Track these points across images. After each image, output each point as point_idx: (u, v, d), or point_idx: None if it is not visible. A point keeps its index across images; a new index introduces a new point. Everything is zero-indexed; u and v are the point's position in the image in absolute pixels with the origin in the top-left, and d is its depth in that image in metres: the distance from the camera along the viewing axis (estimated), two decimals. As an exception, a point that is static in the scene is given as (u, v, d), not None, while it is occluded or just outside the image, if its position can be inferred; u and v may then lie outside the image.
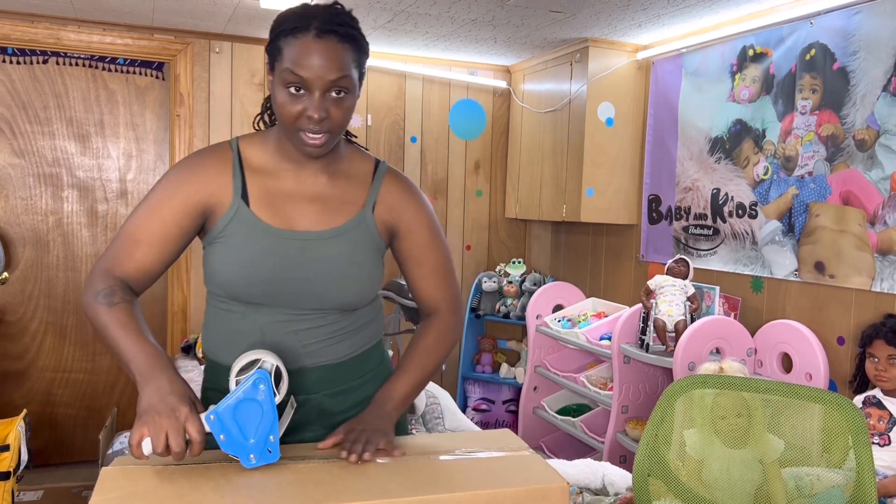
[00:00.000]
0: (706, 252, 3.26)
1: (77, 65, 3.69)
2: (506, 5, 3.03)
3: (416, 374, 1.39)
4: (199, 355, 3.50)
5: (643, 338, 3.06)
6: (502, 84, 4.32)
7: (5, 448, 2.38)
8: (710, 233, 3.24)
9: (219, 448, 1.14)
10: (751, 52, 3.01)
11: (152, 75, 3.81)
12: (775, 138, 2.91)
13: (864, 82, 2.55)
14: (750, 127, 3.02)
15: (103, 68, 3.73)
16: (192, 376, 3.15)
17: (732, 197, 3.12)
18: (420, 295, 1.47)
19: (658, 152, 3.55)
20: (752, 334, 2.86)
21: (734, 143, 3.10)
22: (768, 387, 1.46)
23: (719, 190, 3.19)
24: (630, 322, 3.15)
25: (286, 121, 1.26)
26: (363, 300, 1.39)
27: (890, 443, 2.21)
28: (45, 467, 3.60)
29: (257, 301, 1.32)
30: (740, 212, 3.08)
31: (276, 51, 1.26)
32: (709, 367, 2.29)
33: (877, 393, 2.31)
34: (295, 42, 1.23)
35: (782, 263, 2.88)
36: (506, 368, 4.22)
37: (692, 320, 2.92)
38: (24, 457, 2.46)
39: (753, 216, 3.02)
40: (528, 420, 3.84)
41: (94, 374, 3.81)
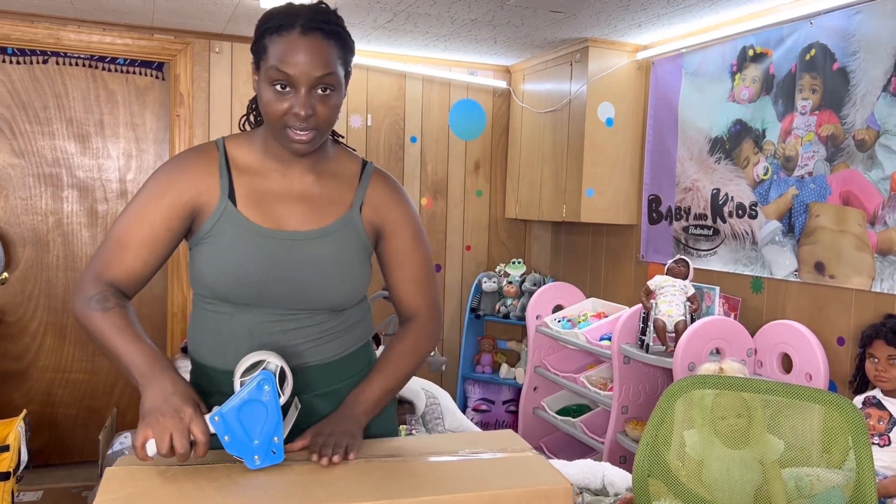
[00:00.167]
0: (706, 252, 3.27)
1: (77, 65, 3.69)
2: (506, 5, 3.03)
3: (390, 379, 1.38)
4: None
5: (643, 338, 3.06)
6: (502, 84, 4.33)
7: (5, 448, 2.38)
8: (710, 233, 3.25)
9: (223, 449, 1.14)
10: (751, 53, 3.01)
11: (152, 75, 3.81)
12: (775, 138, 2.91)
13: (864, 82, 2.55)
14: (750, 127, 3.03)
15: (103, 68, 3.73)
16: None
17: (732, 197, 3.12)
18: (399, 299, 1.46)
19: (658, 152, 3.55)
20: (752, 335, 2.86)
21: (734, 143, 3.10)
22: (768, 387, 1.46)
23: (719, 190, 3.19)
24: (630, 322, 3.15)
25: (272, 119, 1.26)
26: (351, 300, 1.39)
27: (890, 443, 2.21)
28: (45, 467, 3.60)
29: (245, 301, 1.31)
30: (740, 212, 3.09)
31: (262, 49, 1.26)
32: (709, 368, 2.29)
33: (877, 393, 2.31)
34: (280, 40, 1.23)
35: (782, 264, 2.89)
36: (506, 369, 4.22)
37: (692, 321, 2.92)
38: (24, 457, 2.46)
39: (753, 216, 3.02)
40: (528, 420, 3.84)
41: (94, 374, 3.81)
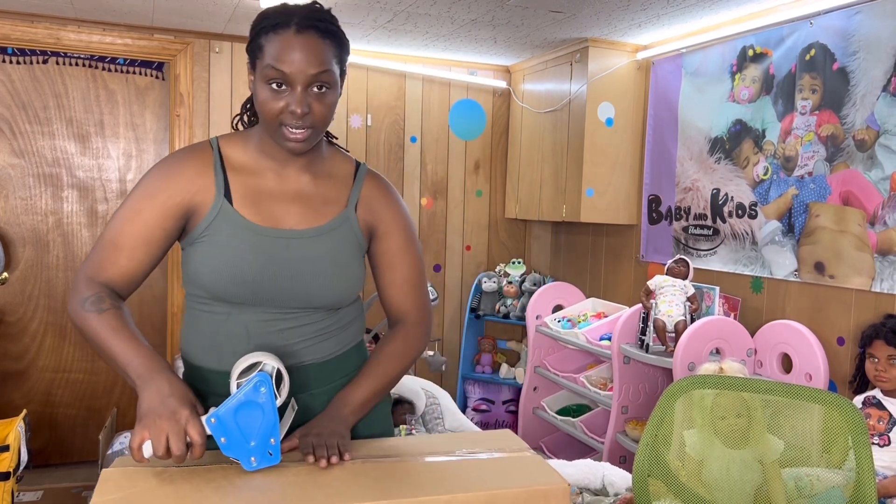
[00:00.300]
0: (706, 252, 3.26)
1: (77, 65, 3.69)
2: (506, 5, 3.03)
3: (378, 381, 1.37)
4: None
5: (643, 338, 3.06)
6: (502, 84, 4.32)
7: (5, 448, 2.38)
8: (710, 233, 3.24)
9: (219, 450, 1.14)
10: (751, 53, 3.01)
11: (152, 75, 3.81)
12: (775, 138, 2.91)
13: (863, 82, 2.55)
14: (750, 127, 3.02)
15: (103, 68, 3.73)
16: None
17: (732, 197, 3.12)
18: (389, 301, 1.46)
19: (658, 152, 3.55)
20: (752, 335, 2.86)
21: (734, 143, 3.10)
22: (768, 387, 1.46)
23: (719, 190, 3.19)
24: (630, 322, 3.15)
25: (269, 118, 1.26)
26: (347, 299, 1.39)
27: (890, 443, 2.21)
28: (45, 467, 3.60)
29: (242, 301, 1.31)
30: (740, 212, 3.08)
31: (257, 48, 1.27)
32: (709, 368, 2.29)
33: (876, 393, 2.31)
34: (276, 38, 1.24)
35: (782, 264, 2.88)
36: (506, 369, 4.22)
37: (692, 320, 2.92)
38: (24, 457, 2.45)
39: (753, 216, 3.02)
40: (528, 420, 3.84)
41: (94, 374, 3.81)
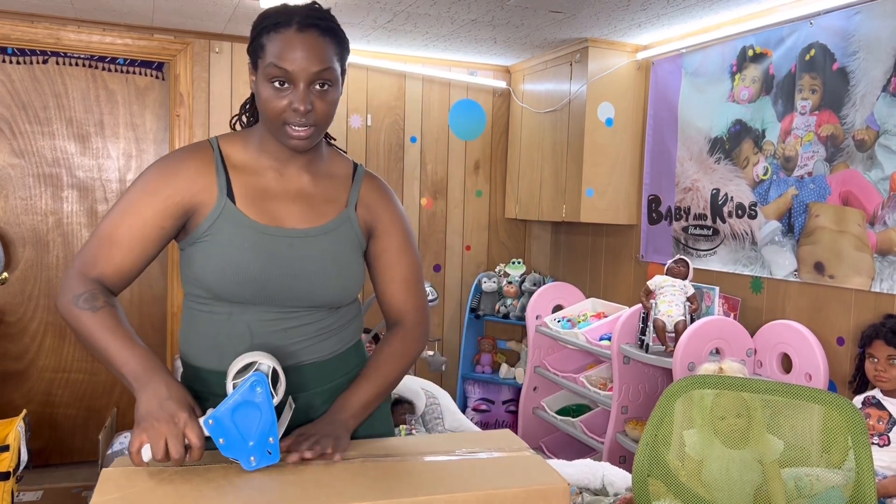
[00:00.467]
0: (706, 252, 3.26)
1: (77, 65, 3.69)
2: (506, 5, 3.03)
3: (378, 384, 1.37)
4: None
5: (643, 338, 3.06)
6: (502, 84, 4.32)
7: (5, 448, 2.38)
8: (710, 233, 3.24)
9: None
10: (750, 53, 3.01)
11: (152, 75, 3.81)
12: (775, 138, 2.91)
13: (863, 82, 2.55)
14: (749, 127, 3.02)
15: (103, 68, 3.73)
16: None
17: (732, 197, 3.12)
18: (387, 302, 1.46)
19: (658, 152, 3.55)
20: (752, 335, 2.86)
21: (734, 143, 3.10)
22: (768, 387, 1.46)
23: (719, 190, 3.19)
24: (630, 322, 3.15)
25: (272, 116, 1.26)
26: (349, 298, 1.40)
27: (889, 443, 2.21)
28: (45, 467, 3.60)
29: (244, 300, 1.30)
30: (740, 212, 3.08)
31: (259, 48, 1.28)
32: (708, 368, 2.29)
33: (876, 393, 2.31)
34: (277, 37, 1.25)
35: (782, 264, 2.88)
36: (505, 369, 4.22)
37: (692, 321, 2.92)
38: (24, 457, 2.45)
39: (753, 216, 3.02)
40: (528, 420, 3.84)
41: (94, 374, 3.81)
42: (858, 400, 2.34)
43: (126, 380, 1.17)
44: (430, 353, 3.71)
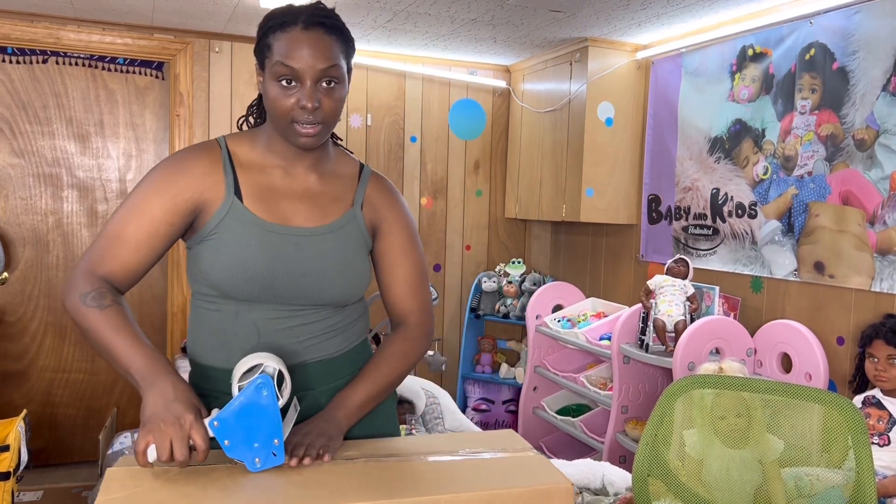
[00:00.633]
0: (706, 252, 3.27)
1: (77, 64, 3.69)
2: (505, 5, 3.03)
3: (376, 383, 1.37)
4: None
5: (643, 338, 3.07)
6: (502, 84, 4.33)
7: (5, 448, 2.38)
8: (710, 233, 3.25)
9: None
10: (750, 52, 3.01)
11: (152, 75, 3.81)
12: (775, 138, 2.91)
13: (863, 82, 2.55)
14: (749, 127, 3.03)
15: (103, 68, 3.73)
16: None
17: (732, 197, 3.13)
18: (392, 301, 1.46)
19: (658, 152, 3.55)
20: (752, 334, 2.86)
21: (734, 142, 3.11)
22: (768, 387, 1.46)
23: (719, 190, 3.19)
24: (630, 322, 3.15)
25: (280, 114, 1.28)
26: (355, 296, 1.40)
27: (889, 443, 2.21)
28: (45, 467, 3.60)
29: (251, 298, 1.31)
30: (740, 212, 3.09)
31: (266, 47, 1.30)
32: (708, 368, 2.29)
33: (876, 393, 2.31)
34: (284, 36, 1.27)
35: (782, 263, 2.89)
36: (505, 368, 4.22)
37: (692, 320, 2.92)
38: (24, 457, 2.45)
39: (753, 216, 3.02)
40: (528, 420, 3.85)
41: (94, 374, 3.81)
42: (858, 399, 2.34)
43: (133, 379, 1.18)
44: (431, 352, 3.71)
